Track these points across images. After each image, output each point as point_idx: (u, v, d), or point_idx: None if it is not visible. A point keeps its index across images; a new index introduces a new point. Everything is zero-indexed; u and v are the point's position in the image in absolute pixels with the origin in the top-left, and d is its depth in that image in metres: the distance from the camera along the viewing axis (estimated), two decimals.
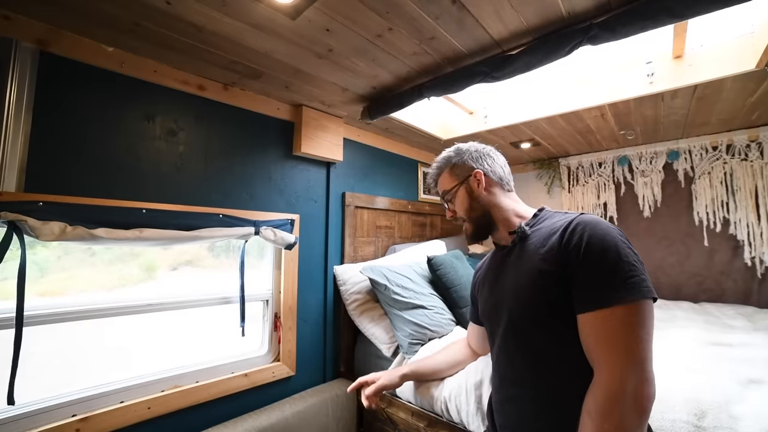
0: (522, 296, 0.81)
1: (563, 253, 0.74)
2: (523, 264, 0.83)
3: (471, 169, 0.96)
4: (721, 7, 0.89)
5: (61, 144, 1.11)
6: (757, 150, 2.06)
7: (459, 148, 1.00)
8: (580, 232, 0.73)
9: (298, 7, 0.99)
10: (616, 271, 0.67)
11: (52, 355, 1.19)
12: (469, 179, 0.95)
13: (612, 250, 0.69)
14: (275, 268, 1.69)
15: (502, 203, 0.95)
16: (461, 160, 0.98)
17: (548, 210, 0.91)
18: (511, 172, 1.01)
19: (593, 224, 0.74)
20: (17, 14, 1.02)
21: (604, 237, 0.71)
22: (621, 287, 0.66)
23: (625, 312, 0.65)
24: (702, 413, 0.98)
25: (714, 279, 2.20)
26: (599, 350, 0.67)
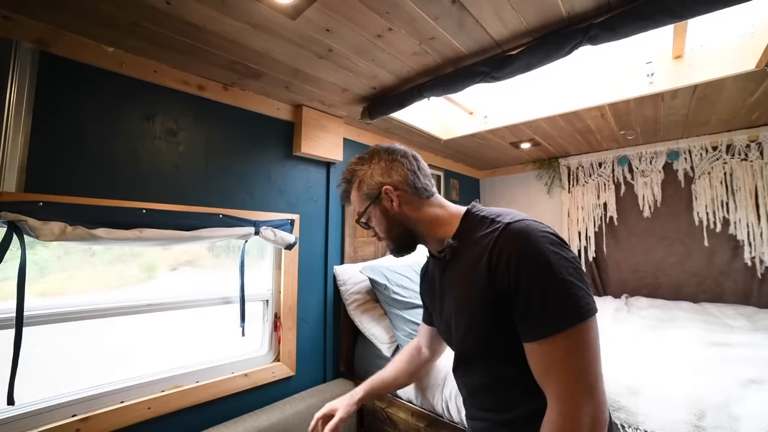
0: (467, 326, 0.75)
1: (494, 279, 0.67)
2: (460, 289, 0.77)
3: (380, 185, 0.83)
4: (721, 7, 0.89)
5: (61, 144, 1.11)
6: (757, 150, 2.06)
7: (362, 158, 0.89)
8: (507, 253, 0.66)
9: (298, 7, 0.99)
10: (550, 296, 0.61)
11: (52, 355, 1.19)
12: (380, 197, 0.84)
13: (543, 270, 0.62)
14: (275, 268, 1.69)
15: (424, 216, 0.84)
16: (367, 174, 0.86)
17: (476, 209, 0.81)
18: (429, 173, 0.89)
19: (519, 239, 0.66)
20: (17, 14, 1.01)
21: (532, 256, 0.63)
22: (558, 314, 0.61)
23: (566, 340, 0.61)
24: (702, 413, 0.98)
25: (714, 279, 2.20)
26: (548, 381, 0.63)
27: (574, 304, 0.61)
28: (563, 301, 0.61)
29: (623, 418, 1.06)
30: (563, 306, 0.61)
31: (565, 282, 0.62)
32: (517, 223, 0.69)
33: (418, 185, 0.84)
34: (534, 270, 0.63)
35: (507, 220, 0.71)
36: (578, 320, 0.61)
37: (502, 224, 0.70)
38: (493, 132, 2.13)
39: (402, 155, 0.86)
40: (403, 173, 0.84)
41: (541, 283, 0.62)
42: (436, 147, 2.48)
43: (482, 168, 3.22)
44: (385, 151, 0.87)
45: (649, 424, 1.02)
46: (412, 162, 0.86)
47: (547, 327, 0.62)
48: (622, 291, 2.53)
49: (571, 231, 2.74)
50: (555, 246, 0.65)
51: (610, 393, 1.13)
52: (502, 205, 3.17)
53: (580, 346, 0.61)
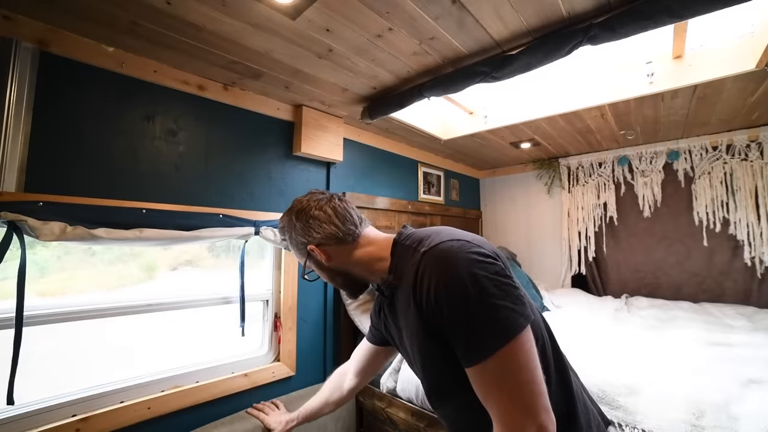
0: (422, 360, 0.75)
1: (422, 312, 0.67)
2: (406, 325, 0.76)
3: (304, 245, 0.85)
4: (721, 7, 0.89)
5: (61, 144, 1.11)
6: (757, 150, 2.06)
7: (283, 225, 0.89)
8: (427, 284, 0.64)
9: (298, 7, 0.99)
10: (473, 322, 0.60)
11: (52, 355, 1.19)
12: (311, 255, 0.85)
13: (461, 296, 0.60)
14: (275, 268, 1.69)
15: (356, 260, 0.83)
16: (293, 235, 0.86)
17: (404, 236, 0.79)
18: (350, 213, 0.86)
19: (436, 267, 0.64)
20: (17, 14, 1.02)
21: (449, 282, 0.62)
22: (483, 339, 0.59)
23: (496, 362, 0.59)
24: (701, 413, 0.99)
25: (714, 279, 2.20)
26: (488, 405, 0.62)
27: (497, 326, 0.59)
28: (486, 325, 0.60)
29: (621, 417, 1.06)
30: (487, 329, 0.59)
31: (485, 304, 0.60)
32: (434, 249, 0.67)
33: (340, 235, 0.82)
34: (453, 297, 0.61)
35: (425, 246, 0.69)
36: (504, 341, 0.59)
37: (421, 252, 0.68)
38: (493, 132, 2.13)
39: (317, 208, 0.84)
40: (321, 229, 0.82)
41: (461, 310, 0.60)
42: (436, 147, 2.48)
43: (482, 168, 3.22)
44: (300, 209, 0.85)
45: (646, 423, 1.02)
46: (327, 212, 0.84)
47: (475, 353, 0.60)
48: (622, 291, 2.53)
49: (571, 231, 2.74)
50: (474, 266, 0.62)
51: (609, 392, 1.13)
52: (503, 205, 3.18)
53: (512, 367, 0.59)
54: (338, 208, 0.85)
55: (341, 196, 0.89)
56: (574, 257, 2.72)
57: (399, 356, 1.56)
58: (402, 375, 1.48)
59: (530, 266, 2.96)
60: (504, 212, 3.19)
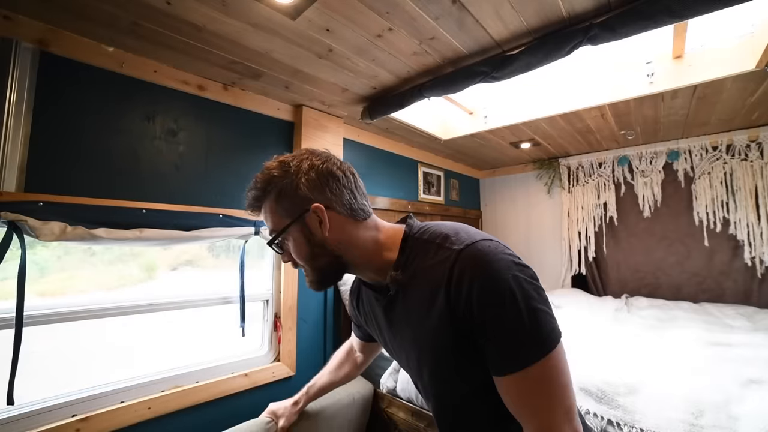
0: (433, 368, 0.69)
1: (455, 315, 0.60)
2: (416, 322, 0.68)
3: (307, 202, 0.66)
4: (721, 7, 0.89)
5: (61, 144, 1.11)
6: (757, 150, 2.06)
7: (286, 163, 0.69)
8: (468, 285, 0.58)
9: (298, 7, 0.99)
10: (520, 329, 0.57)
11: (52, 355, 1.19)
12: (305, 216, 0.67)
13: (509, 301, 0.57)
14: (275, 268, 1.69)
15: (359, 241, 0.70)
16: (291, 185, 0.67)
17: (417, 230, 0.70)
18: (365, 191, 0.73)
19: (478, 267, 0.59)
20: (17, 14, 1.02)
21: (495, 285, 0.57)
22: (528, 346, 0.57)
23: (538, 370, 0.57)
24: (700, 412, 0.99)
25: (714, 279, 2.20)
26: (523, 411, 0.60)
27: (544, 334, 0.58)
28: (533, 332, 0.57)
29: (620, 417, 1.06)
30: (534, 337, 0.57)
31: (532, 311, 0.57)
32: (472, 247, 0.61)
33: (355, 206, 0.70)
34: (500, 301, 0.57)
35: (458, 244, 0.62)
36: (549, 349, 0.57)
37: (455, 250, 0.61)
38: (493, 132, 2.13)
39: (339, 167, 0.70)
40: (340, 190, 0.68)
41: (509, 316, 0.57)
42: (436, 147, 2.48)
43: (482, 168, 3.22)
44: (318, 158, 0.69)
45: (645, 422, 1.02)
46: (349, 177, 0.71)
47: (520, 361, 0.58)
48: (622, 291, 2.53)
49: (571, 231, 2.74)
50: (515, 269, 0.59)
51: (609, 392, 1.13)
52: (503, 205, 3.18)
53: (554, 373, 0.58)
54: (358, 177, 0.73)
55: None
56: (574, 257, 2.72)
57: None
58: (402, 375, 1.48)
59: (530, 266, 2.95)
60: (504, 212, 3.19)
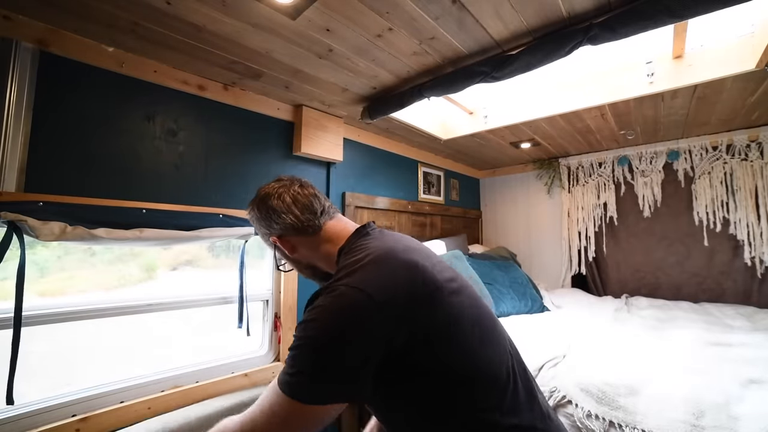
0: None
1: None
2: None
3: (268, 236, 0.82)
4: (721, 7, 0.89)
5: (61, 144, 1.11)
6: (757, 150, 2.06)
7: (250, 213, 0.85)
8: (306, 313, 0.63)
9: (298, 7, 0.99)
10: (291, 350, 0.60)
11: (52, 355, 1.19)
12: (276, 246, 0.82)
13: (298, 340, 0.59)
14: (275, 268, 1.69)
15: (318, 253, 0.78)
16: (258, 227, 0.84)
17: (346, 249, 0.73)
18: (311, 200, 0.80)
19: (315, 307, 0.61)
20: (17, 14, 1.01)
21: (309, 311, 0.60)
22: (285, 369, 0.60)
23: (272, 392, 0.61)
24: (700, 413, 0.99)
25: (714, 279, 2.20)
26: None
27: (291, 378, 0.57)
28: (287, 370, 0.59)
29: (621, 417, 1.06)
30: (286, 373, 0.59)
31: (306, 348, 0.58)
32: (328, 288, 0.62)
33: (299, 226, 0.77)
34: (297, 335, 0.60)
35: (335, 278, 0.64)
36: (281, 389, 0.58)
37: (325, 288, 0.63)
38: (493, 132, 2.13)
39: (276, 197, 0.79)
40: (281, 219, 0.78)
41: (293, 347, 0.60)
42: (436, 147, 2.48)
43: (482, 168, 3.22)
44: (260, 199, 0.82)
45: (646, 423, 1.02)
46: (286, 200, 0.79)
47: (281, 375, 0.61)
48: (622, 291, 2.53)
49: (571, 231, 2.74)
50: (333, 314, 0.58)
51: (609, 392, 1.13)
52: (503, 205, 3.18)
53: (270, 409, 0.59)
54: (298, 195, 0.80)
55: (304, 182, 0.84)
56: (574, 257, 2.72)
57: None
58: None
59: (530, 266, 2.96)
60: (504, 212, 3.19)
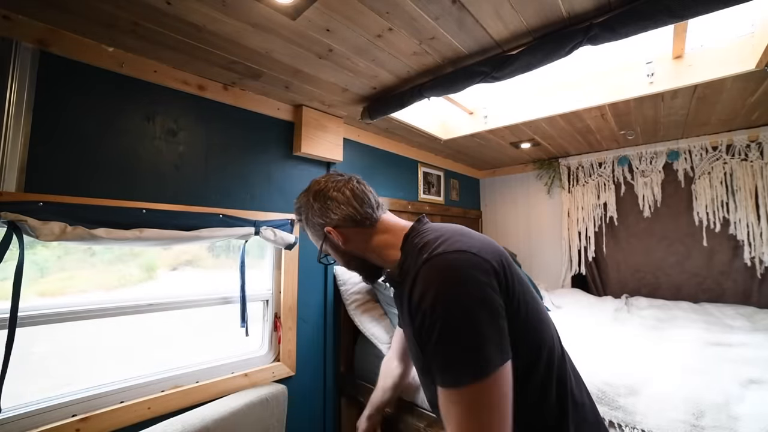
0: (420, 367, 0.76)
1: (413, 318, 0.64)
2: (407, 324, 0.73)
3: (321, 227, 0.83)
4: (721, 7, 0.89)
5: (61, 144, 1.11)
6: (757, 150, 2.06)
7: (300, 205, 0.88)
8: (418, 295, 0.61)
9: (298, 7, 0.99)
10: (451, 348, 0.56)
11: (51, 355, 1.19)
12: (327, 237, 0.83)
13: (447, 317, 0.56)
14: (275, 268, 1.69)
15: (371, 246, 0.81)
16: (310, 215, 0.85)
17: (414, 233, 0.76)
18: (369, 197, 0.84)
19: (428, 280, 0.61)
20: (17, 14, 1.02)
21: (434, 301, 0.58)
22: (457, 368, 0.55)
23: (457, 397, 0.55)
24: (700, 413, 0.98)
25: (714, 279, 2.20)
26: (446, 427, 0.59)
27: (471, 359, 0.55)
28: (460, 355, 0.55)
29: (621, 418, 1.06)
30: (460, 360, 0.55)
31: (464, 333, 0.55)
32: (433, 259, 0.63)
33: (358, 218, 0.81)
34: (435, 317, 0.57)
35: (427, 252, 0.65)
36: (475, 377, 0.54)
37: (423, 259, 0.64)
38: (493, 132, 2.13)
39: (335, 189, 0.82)
40: (339, 211, 0.81)
41: (440, 333, 0.56)
42: (436, 147, 2.48)
43: (482, 168, 3.22)
44: (318, 190, 0.84)
45: (646, 423, 1.02)
46: (346, 193, 0.82)
47: (442, 379, 0.57)
48: (622, 291, 2.53)
49: (571, 231, 2.74)
50: (468, 286, 0.58)
51: (609, 392, 1.13)
52: (503, 206, 3.18)
53: (476, 408, 0.54)
54: (356, 190, 0.83)
55: (360, 178, 0.87)
56: (574, 257, 2.72)
57: None
58: None
59: (530, 266, 2.96)
60: (504, 212, 3.19)
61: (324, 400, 1.79)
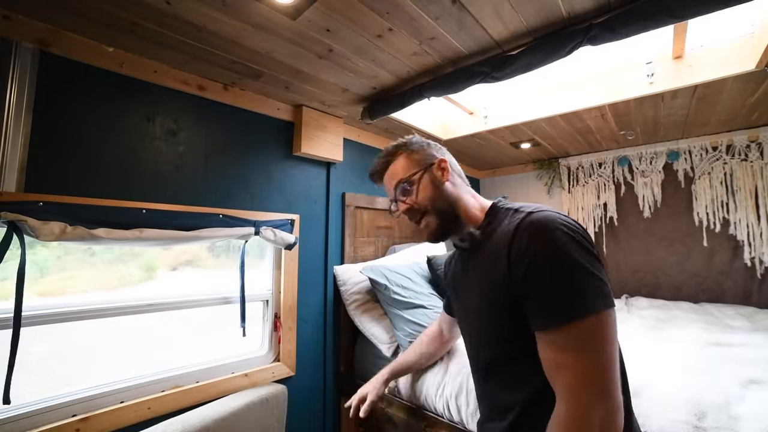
0: (484, 317, 0.76)
1: (511, 268, 0.66)
2: (480, 277, 0.77)
3: (433, 157, 0.87)
4: (721, 7, 0.89)
5: (61, 144, 1.11)
6: (757, 150, 2.06)
7: (411, 137, 0.92)
8: (528, 238, 0.65)
9: (298, 7, 0.99)
10: (566, 287, 0.60)
11: (51, 355, 1.19)
12: (432, 167, 0.85)
13: (558, 257, 0.61)
14: (275, 268, 1.69)
15: (462, 198, 0.85)
16: (420, 146, 0.89)
17: (502, 204, 0.83)
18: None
19: (538, 228, 0.65)
20: (17, 14, 1.02)
21: (549, 242, 0.62)
22: (572, 305, 0.58)
23: (579, 332, 0.58)
24: (702, 413, 0.98)
25: (714, 279, 2.20)
26: (558, 376, 0.60)
27: (592, 293, 0.58)
28: (577, 290, 0.59)
29: None
30: (576, 295, 0.59)
31: (586, 270, 0.60)
32: (539, 213, 0.68)
33: (462, 174, 0.91)
34: (549, 256, 0.61)
35: (528, 210, 0.71)
36: (596, 308, 0.58)
37: (524, 213, 0.70)
38: (493, 132, 2.13)
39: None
40: (450, 158, 0.90)
41: (555, 269, 0.60)
42: None
43: (482, 168, 3.22)
44: (431, 139, 0.96)
45: (649, 425, 1.02)
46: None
47: (558, 315, 0.59)
48: (622, 291, 2.53)
49: None
50: (575, 236, 0.63)
51: None
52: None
53: (595, 342, 0.58)
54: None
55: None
56: None
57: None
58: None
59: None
60: None
61: (324, 400, 1.79)
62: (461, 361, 1.30)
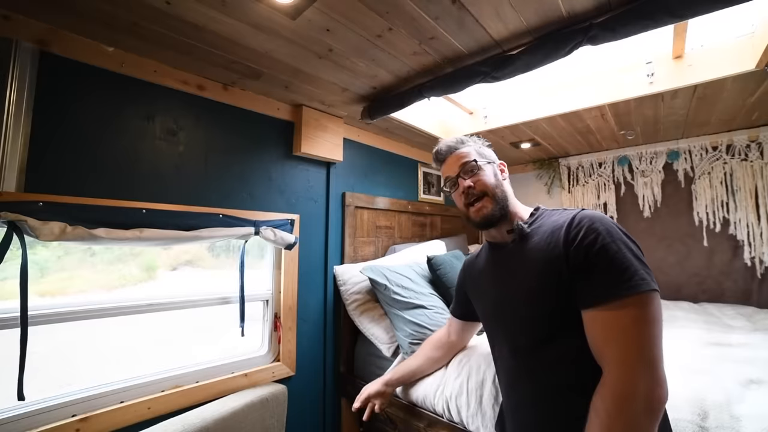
0: (533, 298, 0.80)
1: (568, 249, 0.74)
2: (529, 264, 0.82)
3: (496, 158, 1.00)
4: (721, 7, 0.89)
5: (61, 144, 1.11)
6: (757, 150, 2.06)
7: (474, 141, 1.03)
8: (586, 225, 0.73)
9: (298, 7, 0.99)
10: (623, 265, 0.67)
11: (51, 355, 1.19)
12: (495, 164, 0.98)
13: (618, 243, 0.70)
14: (275, 268, 1.69)
15: (513, 198, 0.97)
16: (488, 146, 1.03)
17: (544, 208, 0.93)
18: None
19: (596, 218, 0.75)
20: (17, 14, 1.02)
21: (608, 230, 0.72)
22: (630, 280, 0.65)
23: (635, 307, 0.64)
24: (704, 413, 0.98)
25: (714, 279, 2.19)
26: (608, 348, 0.66)
27: (638, 274, 0.66)
28: (635, 269, 0.66)
29: None
30: (638, 275, 0.66)
31: (638, 258, 0.69)
32: (589, 210, 0.79)
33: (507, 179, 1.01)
34: (609, 240, 0.70)
35: (575, 209, 0.81)
36: (643, 289, 0.64)
37: (576, 210, 0.80)
38: (493, 132, 2.13)
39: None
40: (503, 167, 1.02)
41: (616, 254, 0.68)
42: None
43: None
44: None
45: None
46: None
47: (618, 288, 0.65)
48: None
49: None
50: (625, 231, 0.75)
51: None
52: None
53: (647, 317, 0.64)
54: None
55: None
56: None
57: (396, 359, 1.56)
58: None
59: None
60: None
61: (324, 400, 1.79)
62: (461, 362, 1.30)
